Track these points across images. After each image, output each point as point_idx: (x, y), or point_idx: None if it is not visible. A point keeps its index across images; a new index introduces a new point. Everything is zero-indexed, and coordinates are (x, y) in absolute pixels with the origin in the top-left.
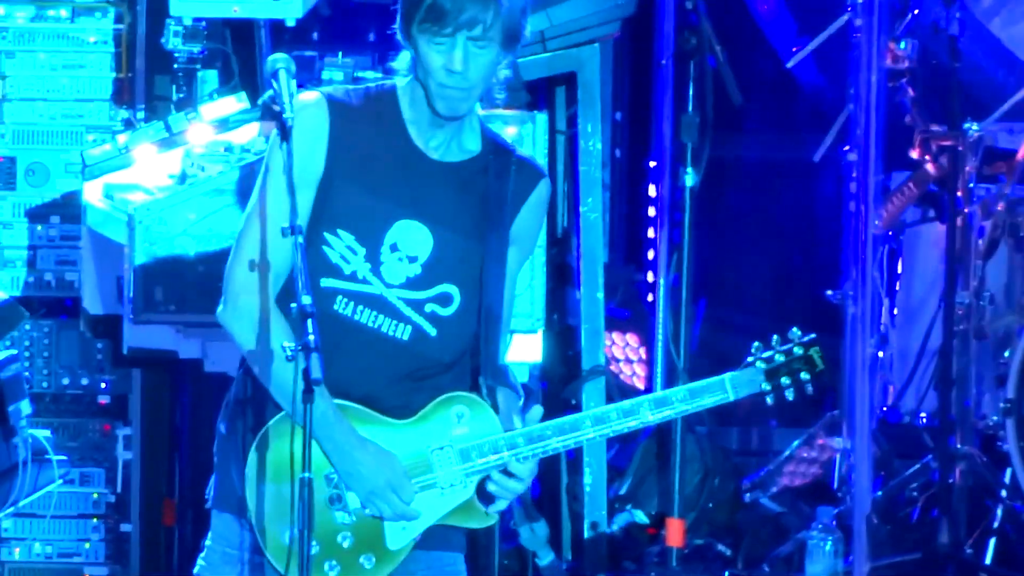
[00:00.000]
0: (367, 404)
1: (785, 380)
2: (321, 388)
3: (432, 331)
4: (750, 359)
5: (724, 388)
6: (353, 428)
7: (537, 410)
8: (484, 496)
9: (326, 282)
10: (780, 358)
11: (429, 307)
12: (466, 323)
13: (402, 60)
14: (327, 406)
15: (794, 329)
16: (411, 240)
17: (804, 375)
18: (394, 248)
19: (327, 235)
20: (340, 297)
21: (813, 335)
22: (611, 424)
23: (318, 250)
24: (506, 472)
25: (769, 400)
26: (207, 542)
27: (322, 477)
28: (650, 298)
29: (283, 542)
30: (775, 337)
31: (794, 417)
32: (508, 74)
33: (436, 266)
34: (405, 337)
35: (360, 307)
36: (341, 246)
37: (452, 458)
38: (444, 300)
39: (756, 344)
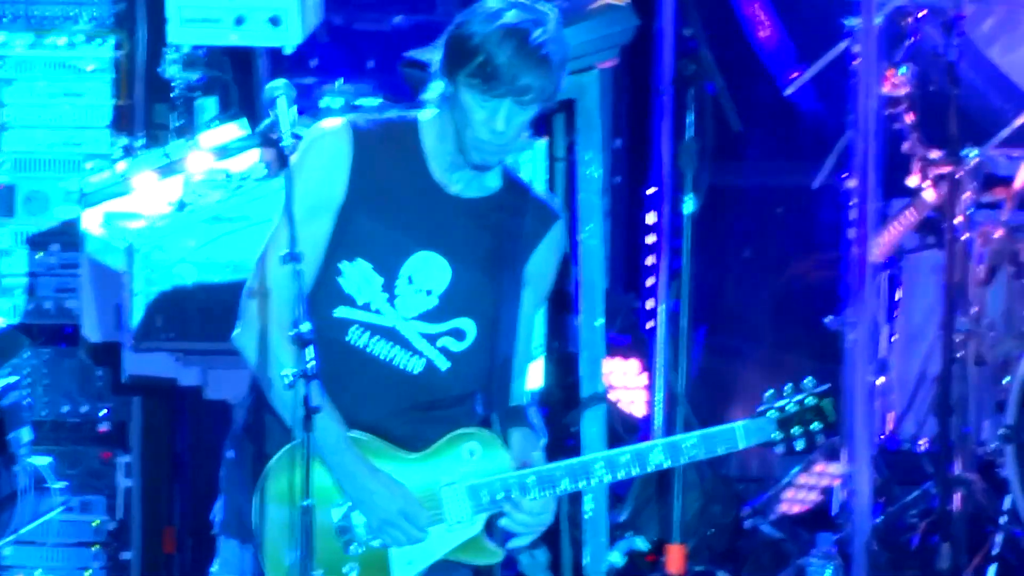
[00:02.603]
0: (377, 434)
1: (796, 431)
2: (335, 416)
3: (444, 365)
4: (762, 408)
5: (735, 436)
6: (365, 457)
7: (537, 455)
8: (493, 533)
9: (340, 311)
10: (792, 408)
11: (442, 341)
12: (479, 359)
13: (433, 92)
14: (339, 435)
15: (808, 379)
16: (428, 273)
17: (815, 426)
18: (411, 280)
19: (343, 264)
20: (354, 327)
21: (827, 385)
22: (622, 468)
23: (333, 279)
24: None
25: (778, 449)
26: (214, 568)
27: (332, 507)
28: (650, 325)
29: (285, 565)
30: (788, 386)
31: None
32: None
33: (452, 299)
34: (417, 370)
35: (374, 338)
36: (357, 275)
37: (461, 495)
38: (458, 334)
39: (769, 392)
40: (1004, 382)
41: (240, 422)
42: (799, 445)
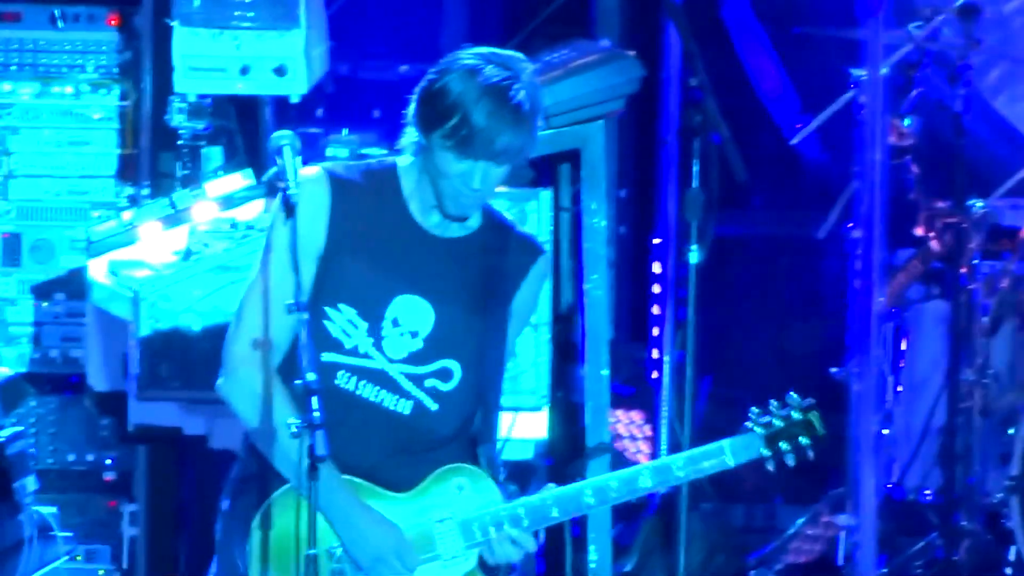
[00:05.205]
0: (368, 478)
1: (784, 445)
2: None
3: (433, 406)
4: (748, 424)
5: (723, 454)
6: (357, 497)
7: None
8: (487, 568)
9: (327, 356)
10: (779, 423)
11: (430, 382)
12: (466, 398)
13: (407, 138)
14: (330, 476)
15: (792, 394)
16: (412, 315)
17: (803, 440)
18: (396, 323)
19: (328, 309)
20: (342, 372)
21: (812, 400)
22: (611, 493)
23: (319, 324)
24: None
25: (769, 466)
26: None
27: (324, 552)
28: (655, 375)
29: None
30: (773, 402)
31: (799, 494)
32: None
33: (437, 341)
34: (406, 412)
35: (362, 382)
36: (343, 320)
37: (453, 530)
38: (444, 375)
39: (754, 409)
40: (1009, 433)
41: (236, 474)
42: (789, 460)
